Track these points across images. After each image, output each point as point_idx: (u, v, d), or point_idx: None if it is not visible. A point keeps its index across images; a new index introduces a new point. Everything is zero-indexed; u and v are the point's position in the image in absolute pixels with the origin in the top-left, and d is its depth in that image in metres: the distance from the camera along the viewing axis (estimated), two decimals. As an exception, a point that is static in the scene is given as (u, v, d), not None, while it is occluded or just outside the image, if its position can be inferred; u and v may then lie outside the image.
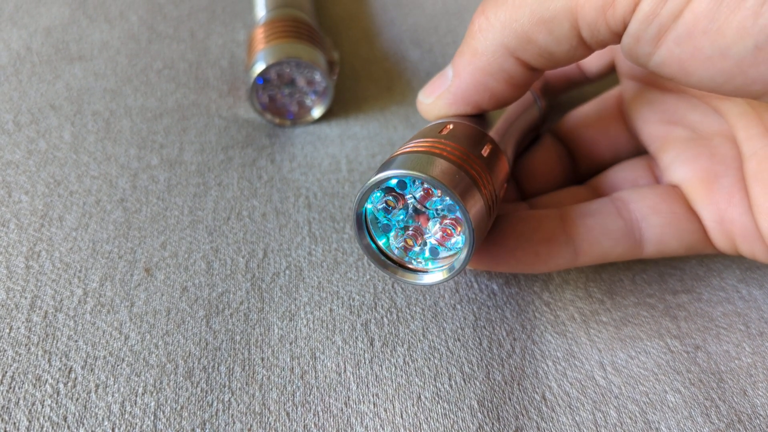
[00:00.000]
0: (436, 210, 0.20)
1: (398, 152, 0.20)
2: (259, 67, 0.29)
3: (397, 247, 0.21)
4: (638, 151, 0.26)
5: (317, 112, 0.31)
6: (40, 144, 0.29)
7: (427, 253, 0.20)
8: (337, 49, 0.37)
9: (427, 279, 0.20)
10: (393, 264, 0.21)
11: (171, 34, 0.37)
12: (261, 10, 0.34)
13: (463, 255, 0.19)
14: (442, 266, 0.20)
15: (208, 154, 0.29)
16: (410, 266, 0.21)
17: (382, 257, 0.21)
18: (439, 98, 0.22)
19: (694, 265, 0.25)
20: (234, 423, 0.20)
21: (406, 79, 0.35)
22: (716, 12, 0.15)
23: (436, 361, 0.22)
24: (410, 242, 0.20)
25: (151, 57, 0.35)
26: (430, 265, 0.21)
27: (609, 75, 0.30)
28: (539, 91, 0.28)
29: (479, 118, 0.22)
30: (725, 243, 0.22)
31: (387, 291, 0.24)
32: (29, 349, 0.21)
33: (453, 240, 0.20)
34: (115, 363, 0.21)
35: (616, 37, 0.18)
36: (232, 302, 0.23)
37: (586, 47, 0.18)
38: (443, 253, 0.20)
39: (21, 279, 0.23)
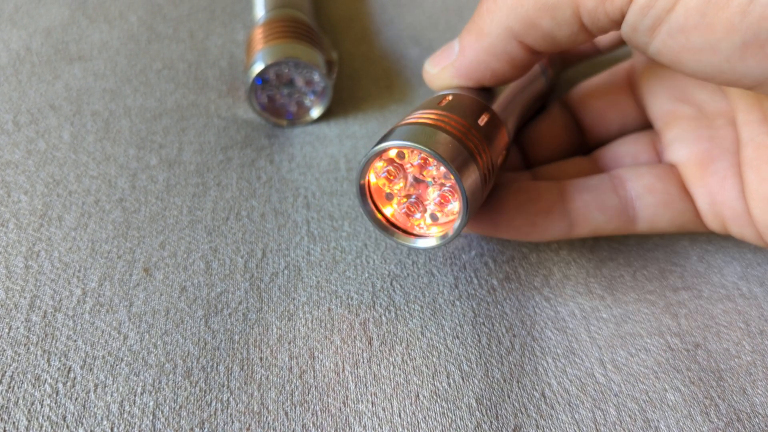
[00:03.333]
0: (434, 177, 0.21)
1: (398, 124, 0.21)
2: (258, 68, 0.29)
3: (400, 214, 0.22)
4: (645, 124, 0.27)
5: (316, 112, 0.31)
6: (39, 144, 0.29)
7: (428, 219, 0.22)
8: (335, 48, 0.37)
9: (421, 243, 0.22)
10: (393, 228, 0.22)
11: (170, 34, 0.37)
12: (260, 11, 0.34)
13: (456, 223, 0.20)
14: (442, 231, 0.21)
15: (207, 155, 0.29)
16: (414, 232, 0.22)
17: (383, 222, 0.22)
18: (444, 70, 0.23)
19: (694, 262, 0.25)
20: (233, 422, 0.20)
21: (406, 77, 0.35)
22: (706, 8, 0.15)
23: (434, 360, 0.22)
24: (412, 209, 0.22)
25: (151, 57, 0.35)
26: (432, 230, 0.22)
27: (620, 48, 0.30)
28: (547, 61, 0.28)
29: (483, 88, 0.23)
30: (716, 224, 0.23)
31: (385, 289, 0.24)
32: (28, 348, 0.21)
33: (450, 206, 0.21)
34: (114, 363, 0.21)
35: (616, 24, 0.18)
36: (230, 302, 0.23)
37: (588, 33, 0.19)
38: (443, 219, 0.21)
39: (20, 279, 0.23)
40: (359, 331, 0.22)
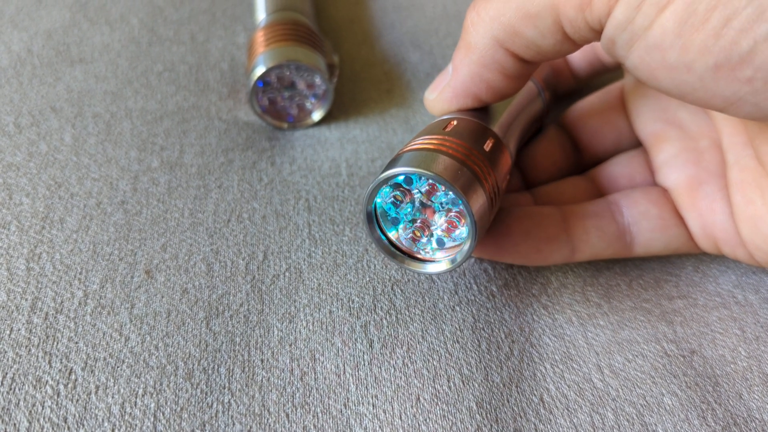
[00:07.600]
0: (441, 203, 0.21)
1: (404, 149, 0.21)
2: (260, 71, 0.29)
3: (405, 239, 0.22)
4: (639, 142, 0.27)
5: (317, 116, 0.31)
6: (41, 146, 0.29)
7: (434, 244, 0.22)
8: (337, 52, 0.37)
9: (431, 268, 0.22)
10: (401, 254, 0.22)
11: (171, 37, 0.37)
12: (261, 13, 0.34)
13: (466, 247, 0.20)
14: (448, 255, 0.22)
15: (208, 157, 0.29)
16: (418, 256, 0.22)
17: (392, 248, 0.22)
18: (441, 93, 0.23)
19: (689, 272, 0.25)
20: (234, 424, 0.20)
21: (406, 81, 0.35)
22: (682, 29, 0.16)
23: (435, 363, 0.22)
24: (418, 234, 0.22)
25: (152, 60, 0.35)
26: (437, 255, 0.22)
27: (600, 76, 0.30)
28: (543, 83, 0.29)
29: (483, 112, 0.23)
30: (709, 246, 0.23)
31: (386, 293, 0.24)
32: (30, 350, 0.21)
33: (458, 231, 0.21)
34: (115, 364, 0.21)
35: (597, 34, 0.18)
36: (232, 304, 0.23)
37: (571, 42, 0.19)
38: (449, 244, 0.22)
39: (22, 281, 0.24)
40: (360, 334, 0.22)
